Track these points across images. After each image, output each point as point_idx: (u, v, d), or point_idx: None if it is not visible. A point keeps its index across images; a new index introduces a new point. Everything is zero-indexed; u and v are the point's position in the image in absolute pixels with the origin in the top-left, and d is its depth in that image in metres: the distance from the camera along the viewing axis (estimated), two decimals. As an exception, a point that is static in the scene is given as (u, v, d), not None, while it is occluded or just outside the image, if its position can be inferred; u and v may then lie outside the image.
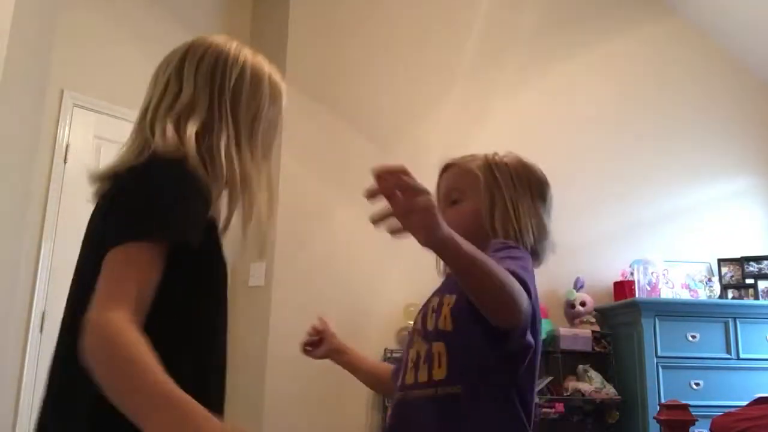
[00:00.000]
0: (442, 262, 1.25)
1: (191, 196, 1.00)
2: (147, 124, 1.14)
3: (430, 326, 1.21)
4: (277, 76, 1.22)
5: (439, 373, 1.14)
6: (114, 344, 0.84)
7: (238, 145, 1.14)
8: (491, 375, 1.13)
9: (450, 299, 1.19)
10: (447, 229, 0.93)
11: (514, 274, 1.02)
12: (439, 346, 1.16)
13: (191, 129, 1.07)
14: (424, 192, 0.94)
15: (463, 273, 0.99)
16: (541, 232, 1.24)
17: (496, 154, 1.31)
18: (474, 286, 1.00)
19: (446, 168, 1.38)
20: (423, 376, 1.17)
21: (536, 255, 1.24)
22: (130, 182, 1.04)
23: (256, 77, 1.17)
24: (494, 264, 0.99)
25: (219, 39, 1.20)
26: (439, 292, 1.27)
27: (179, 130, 1.07)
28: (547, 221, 1.27)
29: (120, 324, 0.85)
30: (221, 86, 1.13)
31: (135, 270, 0.92)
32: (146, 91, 1.21)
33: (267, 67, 1.20)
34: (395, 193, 0.98)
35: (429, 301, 1.31)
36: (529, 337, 1.08)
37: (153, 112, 1.14)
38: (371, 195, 0.97)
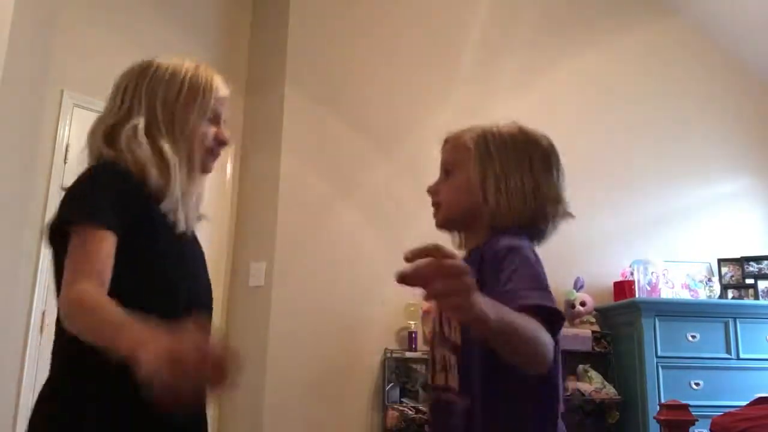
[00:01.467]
0: (458, 240, 1.25)
1: (101, 189, 1.19)
2: (90, 134, 1.33)
3: (446, 332, 1.19)
4: (200, 71, 1.39)
5: (452, 381, 1.15)
6: (80, 302, 1.12)
7: (152, 133, 1.27)
8: (503, 391, 1.11)
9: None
10: (479, 307, 0.87)
11: (540, 308, 1.00)
12: (452, 358, 1.16)
13: (113, 132, 1.27)
14: (463, 273, 0.85)
15: (494, 344, 0.96)
16: (542, 202, 1.20)
17: (496, 124, 1.27)
18: (506, 353, 0.98)
19: (445, 142, 1.36)
20: (453, 381, 1.17)
21: (537, 226, 1.21)
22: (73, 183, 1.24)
23: (171, 73, 1.39)
24: (524, 327, 0.95)
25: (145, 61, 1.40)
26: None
27: (108, 137, 1.27)
28: (551, 189, 1.23)
29: (68, 291, 1.13)
30: (140, 93, 1.33)
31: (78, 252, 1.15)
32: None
33: (187, 65, 1.40)
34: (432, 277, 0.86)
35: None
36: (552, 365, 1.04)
37: (96, 123, 1.35)
38: (403, 280, 0.86)
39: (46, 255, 3.13)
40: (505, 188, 1.16)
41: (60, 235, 1.18)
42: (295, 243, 3.59)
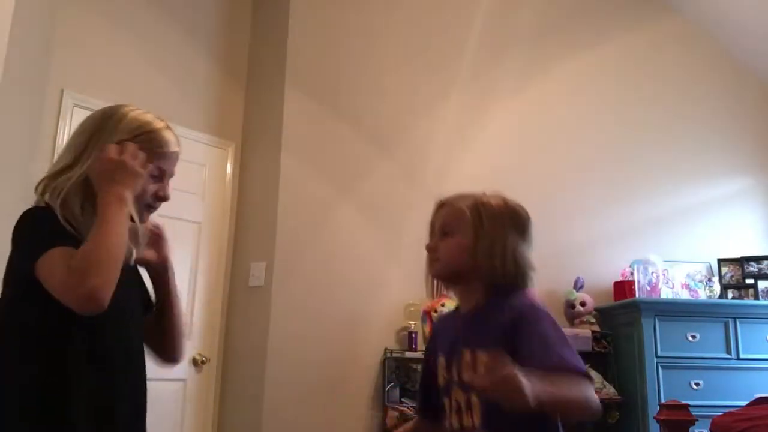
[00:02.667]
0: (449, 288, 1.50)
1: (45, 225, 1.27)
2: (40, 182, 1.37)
3: (466, 378, 1.34)
4: (153, 126, 1.38)
5: (475, 419, 1.33)
6: (83, 268, 1.17)
7: (70, 179, 1.32)
8: (525, 427, 1.28)
9: (483, 356, 1.30)
10: (530, 389, 1.09)
11: (575, 371, 1.22)
12: (474, 399, 1.33)
13: (51, 183, 1.33)
14: (505, 369, 1.10)
15: (549, 411, 1.21)
16: (523, 263, 1.40)
17: (484, 194, 1.46)
18: (561, 415, 1.25)
19: (441, 206, 1.52)
20: (468, 422, 1.35)
21: (522, 282, 1.40)
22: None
23: (107, 120, 1.37)
24: (571, 391, 1.18)
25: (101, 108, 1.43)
26: (469, 344, 1.37)
27: (45, 188, 1.33)
28: (527, 254, 1.43)
29: (67, 271, 1.17)
30: (86, 143, 1.34)
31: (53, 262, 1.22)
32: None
33: (142, 120, 1.38)
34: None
35: (461, 353, 1.39)
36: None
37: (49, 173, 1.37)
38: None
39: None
40: (493, 253, 1.37)
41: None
42: (295, 243, 3.59)
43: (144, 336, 1.44)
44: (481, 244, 1.39)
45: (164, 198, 1.40)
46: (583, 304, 3.60)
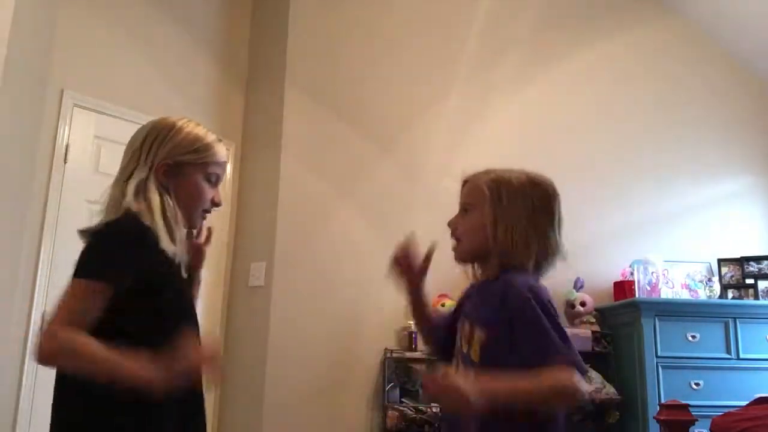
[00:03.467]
0: (472, 270, 1.46)
1: (123, 248, 1.36)
2: (112, 188, 1.47)
3: (464, 350, 1.36)
4: (208, 139, 1.51)
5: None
6: (59, 346, 1.27)
7: (149, 185, 1.43)
8: (515, 411, 1.25)
9: (481, 336, 1.31)
10: (478, 396, 1.13)
11: (557, 360, 1.21)
12: (470, 373, 1.31)
13: (131, 188, 1.41)
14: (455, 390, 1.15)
15: (527, 405, 1.21)
16: (545, 245, 1.38)
17: (508, 170, 1.45)
18: (541, 406, 1.23)
19: (464, 183, 1.52)
20: None
21: (540, 267, 1.38)
22: (92, 236, 1.40)
23: (170, 131, 1.48)
24: (538, 388, 1.19)
25: (161, 118, 1.53)
26: (469, 315, 1.39)
27: (126, 193, 1.41)
28: (551, 234, 1.41)
29: (58, 332, 1.27)
30: (149, 149, 1.46)
31: (74, 300, 1.33)
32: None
33: (181, 123, 1.51)
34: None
35: (462, 321, 1.42)
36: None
37: (117, 178, 1.48)
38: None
39: (46, 255, 3.13)
40: (512, 232, 1.33)
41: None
42: (295, 243, 3.59)
43: None
44: (500, 224, 1.35)
45: (219, 203, 1.53)
46: (583, 304, 3.60)
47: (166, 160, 1.44)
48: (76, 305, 1.31)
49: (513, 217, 1.35)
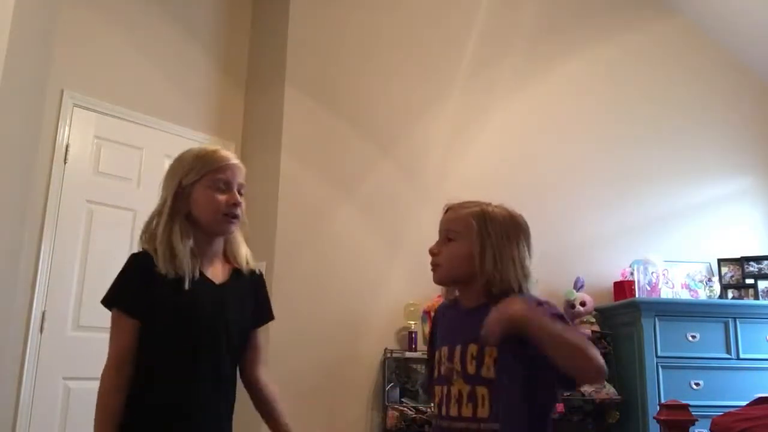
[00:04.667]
0: (450, 293, 1.58)
1: (125, 277, 1.57)
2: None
3: (470, 371, 1.44)
4: (206, 151, 1.64)
5: (483, 412, 1.40)
6: (98, 395, 1.51)
7: (161, 218, 1.59)
8: (526, 416, 1.40)
9: (492, 351, 1.42)
10: (531, 311, 1.31)
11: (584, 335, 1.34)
12: (482, 390, 1.41)
13: (148, 227, 1.60)
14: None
15: (548, 346, 1.30)
16: (524, 274, 1.48)
17: (489, 204, 1.55)
18: (560, 356, 1.30)
19: (447, 210, 1.60)
20: (467, 412, 1.42)
21: (522, 288, 1.47)
22: None
23: (176, 162, 1.64)
24: (574, 336, 1.31)
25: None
26: (474, 339, 1.44)
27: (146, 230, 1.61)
28: (527, 263, 1.50)
29: (102, 383, 1.52)
30: (164, 186, 1.62)
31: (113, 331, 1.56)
32: None
33: (186, 150, 1.65)
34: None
35: (467, 346, 1.47)
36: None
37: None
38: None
39: (46, 255, 3.13)
40: (499, 262, 1.45)
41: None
42: (295, 243, 3.59)
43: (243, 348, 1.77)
44: (487, 253, 1.46)
45: (236, 203, 1.60)
46: (583, 304, 3.60)
47: (176, 189, 1.58)
48: (113, 333, 1.55)
49: (498, 249, 1.47)
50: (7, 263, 2.81)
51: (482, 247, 1.47)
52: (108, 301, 1.56)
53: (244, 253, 1.70)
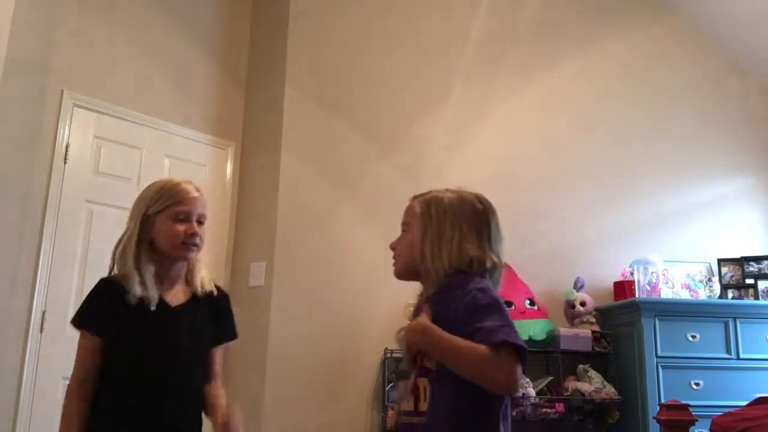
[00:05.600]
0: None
1: (89, 298, 1.74)
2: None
3: (425, 363, 1.36)
4: (170, 183, 1.80)
5: (424, 406, 1.38)
6: (63, 406, 1.72)
7: (122, 240, 1.76)
8: (469, 410, 1.31)
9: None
10: (427, 333, 1.28)
11: (505, 343, 1.19)
12: (423, 382, 1.37)
13: (117, 251, 1.76)
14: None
15: (446, 363, 1.27)
16: (467, 258, 1.38)
17: (442, 190, 1.48)
18: (459, 371, 1.24)
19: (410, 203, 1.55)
20: (408, 407, 1.44)
21: (474, 270, 1.38)
22: None
23: (143, 193, 1.81)
24: (469, 351, 1.21)
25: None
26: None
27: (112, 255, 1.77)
28: (476, 246, 1.40)
29: (66, 395, 1.72)
30: (131, 215, 1.79)
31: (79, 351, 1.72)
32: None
33: (153, 183, 1.82)
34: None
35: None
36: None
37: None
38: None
39: (46, 255, 3.13)
40: (438, 247, 1.39)
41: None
42: (295, 243, 3.59)
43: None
44: (428, 239, 1.40)
45: (193, 233, 1.74)
46: (583, 304, 3.60)
47: (141, 218, 1.74)
48: (78, 355, 1.71)
49: (439, 233, 1.40)
50: (7, 263, 2.81)
51: (423, 231, 1.42)
52: (75, 322, 1.72)
53: (200, 277, 1.83)
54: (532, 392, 3.25)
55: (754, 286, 3.76)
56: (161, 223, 1.74)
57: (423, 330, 1.27)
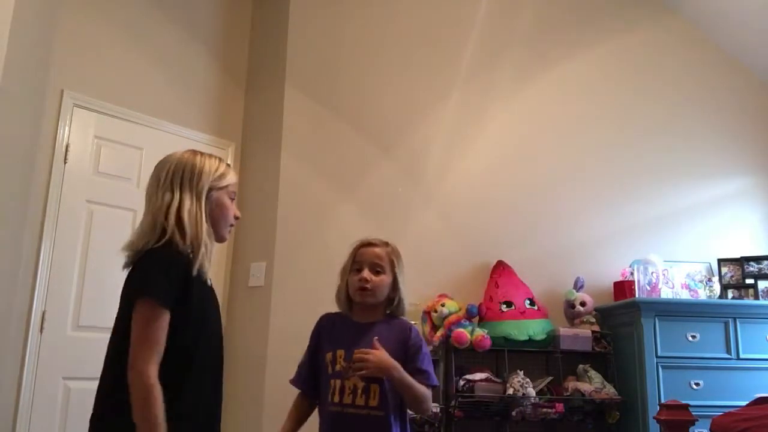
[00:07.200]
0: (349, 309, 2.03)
1: (166, 271, 1.57)
2: (152, 220, 1.67)
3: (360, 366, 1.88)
4: (210, 159, 1.78)
5: (373, 402, 1.87)
6: (144, 390, 1.47)
7: (192, 211, 1.67)
8: (402, 406, 1.93)
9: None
10: (393, 368, 1.87)
11: (430, 383, 1.92)
12: (375, 386, 1.87)
13: (172, 219, 1.63)
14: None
15: (401, 393, 1.89)
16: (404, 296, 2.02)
17: (388, 241, 2.10)
18: (407, 400, 1.91)
19: (368, 245, 2.06)
20: (361, 401, 1.87)
21: (403, 310, 2.03)
22: (142, 262, 1.62)
23: (193, 163, 1.73)
24: (419, 391, 1.88)
25: (176, 154, 1.76)
26: (363, 346, 1.88)
27: (167, 224, 1.63)
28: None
29: (150, 376, 1.48)
30: (180, 182, 1.69)
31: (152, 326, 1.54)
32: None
33: (199, 156, 1.77)
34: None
35: (346, 350, 1.93)
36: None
37: (156, 212, 1.67)
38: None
39: (46, 255, 3.13)
40: (400, 291, 2.00)
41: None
42: (295, 243, 3.59)
43: None
44: (396, 282, 1.98)
45: (238, 216, 1.85)
46: (583, 304, 3.60)
47: (203, 189, 1.69)
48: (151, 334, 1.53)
49: (400, 278, 2.00)
50: (7, 263, 2.81)
51: (395, 278, 1.98)
52: (160, 299, 1.55)
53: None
54: (532, 392, 3.25)
55: (754, 286, 3.76)
56: (222, 200, 1.73)
57: (391, 368, 1.83)
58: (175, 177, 1.68)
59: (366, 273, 1.96)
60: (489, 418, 3.30)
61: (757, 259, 3.81)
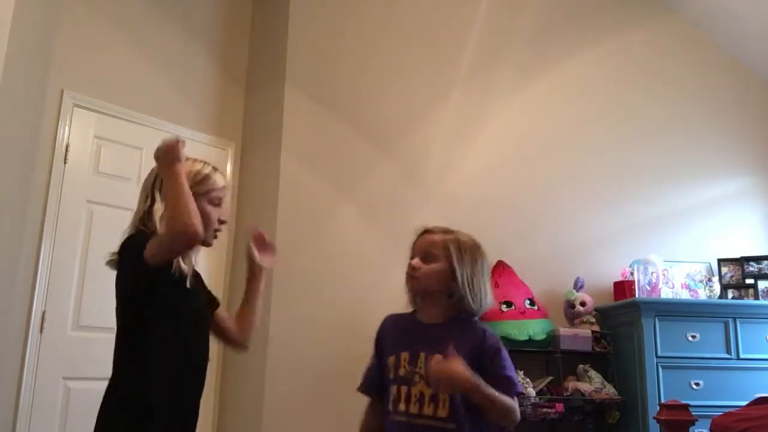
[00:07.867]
0: (415, 302, 1.85)
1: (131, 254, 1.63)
2: (133, 224, 1.75)
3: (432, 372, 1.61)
4: (194, 164, 1.82)
5: (443, 413, 1.63)
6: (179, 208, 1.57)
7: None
8: (478, 418, 1.62)
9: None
10: (472, 380, 1.54)
11: (515, 391, 1.63)
12: (443, 394, 1.62)
13: (150, 225, 1.70)
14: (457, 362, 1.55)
15: (483, 408, 1.59)
16: (488, 302, 1.74)
17: (459, 231, 1.79)
18: (490, 415, 1.60)
19: (426, 232, 1.82)
20: (429, 411, 1.64)
21: (481, 309, 1.74)
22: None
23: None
24: (502, 402, 1.57)
25: None
26: (437, 349, 1.62)
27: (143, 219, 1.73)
28: (489, 288, 1.76)
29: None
30: (161, 188, 1.71)
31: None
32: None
33: (195, 162, 1.82)
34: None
35: (428, 356, 1.67)
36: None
37: (135, 217, 1.75)
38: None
39: (46, 255, 3.13)
40: (469, 284, 1.71)
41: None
42: (295, 243, 3.59)
43: (213, 330, 1.95)
44: (459, 277, 1.70)
45: (224, 221, 1.84)
46: (583, 304, 3.60)
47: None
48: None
49: (470, 272, 1.72)
50: (7, 263, 2.81)
51: (454, 268, 1.72)
52: (133, 242, 1.65)
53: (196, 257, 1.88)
54: (532, 392, 3.25)
55: (754, 286, 3.76)
56: (200, 205, 1.73)
57: (470, 389, 1.54)
58: (156, 182, 1.73)
59: (415, 261, 1.79)
60: (489, 418, 3.30)
61: (757, 259, 3.81)
